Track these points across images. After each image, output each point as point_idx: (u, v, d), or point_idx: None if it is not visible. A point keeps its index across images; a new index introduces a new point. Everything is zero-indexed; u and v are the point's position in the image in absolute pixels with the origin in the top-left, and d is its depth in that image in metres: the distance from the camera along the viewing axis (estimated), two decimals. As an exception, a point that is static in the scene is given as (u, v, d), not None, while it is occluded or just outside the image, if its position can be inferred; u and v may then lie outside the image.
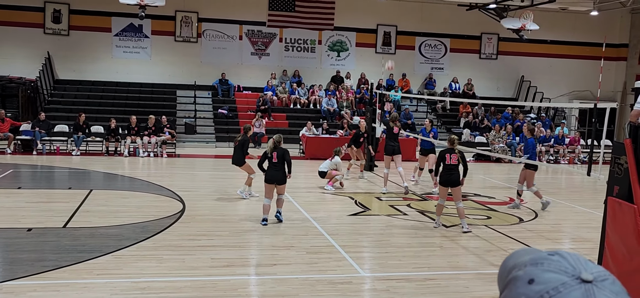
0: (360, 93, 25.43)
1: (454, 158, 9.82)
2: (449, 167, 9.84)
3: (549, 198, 12.47)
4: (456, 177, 9.83)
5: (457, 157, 9.81)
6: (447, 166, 9.85)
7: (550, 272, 1.05)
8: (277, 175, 9.75)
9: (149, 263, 7.68)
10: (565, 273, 1.04)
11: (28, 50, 23.80)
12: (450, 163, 9.83)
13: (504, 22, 23.76)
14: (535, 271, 1.06)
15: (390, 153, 13.70)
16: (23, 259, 7.64)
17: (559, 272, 1.05)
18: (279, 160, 9.76)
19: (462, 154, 9.99)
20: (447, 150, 9.97)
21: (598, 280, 1.02)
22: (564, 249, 4.08)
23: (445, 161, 9.88)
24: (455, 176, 9.83)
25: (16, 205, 10.94)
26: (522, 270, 1.08)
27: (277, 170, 9.76)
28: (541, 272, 1.05)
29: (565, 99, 27.95)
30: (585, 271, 1.03)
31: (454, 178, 9.82)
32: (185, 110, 23.91)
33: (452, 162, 9.83)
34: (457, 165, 9.84)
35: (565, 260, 1.07)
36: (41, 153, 18.55)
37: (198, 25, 25.37)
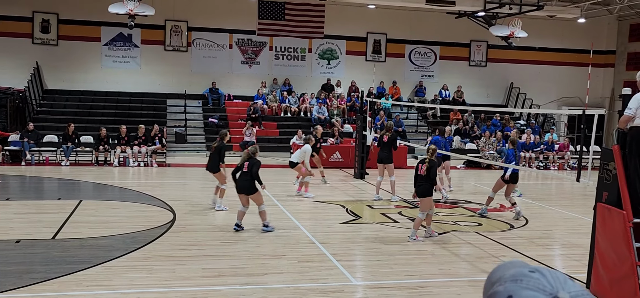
0: (350, 101, 25.47)
1: (423, 169, 9.68)
2: (418, 177, 9.78)
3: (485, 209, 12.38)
4: (422, 189, 9.69)
5: (426, 168, 9.65)
6: (417, 176, 9.80)
7: (528, 290, 1.06)
8: (245, 184, 9.69)
9: (139, 274, 7.63)
10: (542, 291, 1.05)
11: (16, 60, 23.66)
12: (421, 173, 9.72)
13: (493, 29, 23.90)
14: (514, 287, 1.08)
15: (378, 161, 13.90)
16: (11, 271, 7.56)
17: (536, 290, 1.06)
18: (249, 170, 9.67)
19: (431, 165, 9.70)
20: (421, 160, 9.91)
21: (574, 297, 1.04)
22: (555, 256, 4.11)
23: (417, 171, 9.83)
24: (421, 188, 9.70)
25: (4, 217, 10.84)
26: (502, 286, 1.11)
27: (245, 180, 9.68)
28: (520, 289, 1.07)
29: (554, 106, 28.13)
30: (563, 290, 1.05)
31: (420, 190, 9.72)
32: (175, 119, 23.84)
33: (421, 173, 9.70)
34: (426, 176, 9.64)
35: (544, 278, 1.08)
36: (30, 164, 18.41)
37: (188, 34, 25.34)
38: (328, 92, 25.81)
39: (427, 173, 9.60)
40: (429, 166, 9.63)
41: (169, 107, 24.53)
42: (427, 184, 9.69)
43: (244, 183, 9.72)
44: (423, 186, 9.69)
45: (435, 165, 9.88)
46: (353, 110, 24.57)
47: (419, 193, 9.76)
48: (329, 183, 15.88)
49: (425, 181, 9.66)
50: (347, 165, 19.59)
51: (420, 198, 9.79)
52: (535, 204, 14.04)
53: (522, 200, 14.39)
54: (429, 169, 9.62)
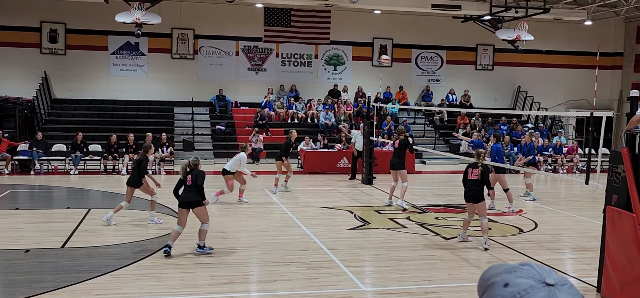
0: (357, 106, 25.47)
1: (475, 173, 9.57)
2: (469, 181, 9.64)
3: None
4: (474, 194, 9.58)
5: (478, 172, 9.53)
6: (469, 181, 9.65)
7: (521, 278, 1.31)
8: (190, 197, 8.86)
9: (149, 282, 7.64)
10: (533, 278, 1.30)
11: (25, 70, 23.83)
12: (471, 178, 9.61)
13: (499, 33, 23.86)
14: (509, 277, 1.32)
15: (390, 167, 13.79)
16: (21, 281, 7.59)
17: (528, 277, 1.30)
18: (193, 182, 8.89)
19: (485, 169, 9.63)
20: (471, 165, 9.80)
21: (559, 284, 1.29)
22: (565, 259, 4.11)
23: (467, 175, 9.71)
24: (473, 192, 9.59)
25: (14, 226, 10.90)
26: (499, 277, 1.34)
27: (189, 192, 8.88)
28: (514, 277, 1.31)
29: (562, 108, 28.03)
30: (549, 277, 1.30)
31: (471, 194, 9.61)
32: (183, 127, 23.91)
33: (473, 177, 9.59)
34: (478, 180, 9.55)
35: (533, 269, 1.33)
36: (39, 173, 18.50)
37: (194, 42, 25.44)
38: (335, 97, 25.83)
39: (480, 177, 9.50)
40: (482, 171, 9.53)
41: (176, 115, 24.62)
42: (480, 189, 9.59)
43: (188, 195, 8.89)
44: (475, 191, 9.57)
45: (488, 170, 9.79)
46: (360, 115, 24.56)
47: (471, 198, 9.62)
48: (332, 187, 15.83)
49: (478, 186, 9.56)
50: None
51: (474, 203, 9.62)
52: (544, 208, 13.97)
53: (532, 204, 14.33)
54: (483, 173, 9.53)
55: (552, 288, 1.27)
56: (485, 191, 9.96)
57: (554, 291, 1.27)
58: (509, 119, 25.30)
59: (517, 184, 18.96)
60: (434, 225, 11.64)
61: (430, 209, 13.44)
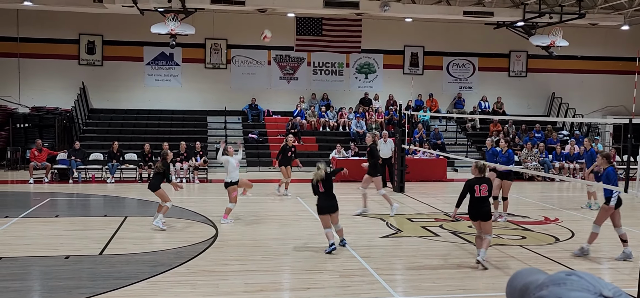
0: (389, 114, 25.41)
1: (484, 189, 8.81)
2: (478, 199, 8.80)
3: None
4: (486, 210, 8.85)
5: (487, 188, 8.84)
6: (476, 199, 8.81)
7: (575, 291, 1.15)
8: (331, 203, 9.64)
9: (184, 288, 7.76)
10: (588, 291, 1.15)
11: (64, 81, 24.48)
12: (480, 195, 8.80)
13: (533, 39, 23.57)
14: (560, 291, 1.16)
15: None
16: (61, 286, 7.79)
17: (583, 290, 1.15)
18: (328, 189, 9.60)
19: (489, 182, 9.02)
20: (476, 180, 8.92)
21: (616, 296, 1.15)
22: (603, 269, 4.06)
23: (474, 193, 8.85)
24: (485, 209, 8.84)
25: (54, 233, 11.18)
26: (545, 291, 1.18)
27: (328, 199, 9.61)
28: (567, 291, 1.16)
29: (598, 115, 27.48)
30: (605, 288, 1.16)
31: (484, 211, 8.82)
32: (216, 135, 24.18)
33: (482, 194, 8.80)
34: (488, 196, 8.89)
35: (583, 280, 1.17)
36: (77, 181, 18.94)
37: (227, 51, 25.77)
38: (366, 106, 25.83)
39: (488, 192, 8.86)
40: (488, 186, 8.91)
41: (209, 124, 24.94)
42: (489, 205, 9.02)
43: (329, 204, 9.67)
44: (487, 207, 8.92)
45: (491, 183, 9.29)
46: (391, 123, 24.51)
47: (484, 216, 8.85)
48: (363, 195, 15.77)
49: (487, 202, 8.93)
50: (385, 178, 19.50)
51: (485, 221, 8.87)
52: (581, 216, 13.72)
53: (567, 214, 14.09)
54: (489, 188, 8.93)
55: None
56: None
57: None
58: (543, 125, 24.93)
59: (552, 192, 18.67)
60: (467, 233, 11.54)
61: (463, 217, 13.31)
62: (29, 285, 8.15)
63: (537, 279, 1.24)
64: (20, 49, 24.26)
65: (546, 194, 17.84)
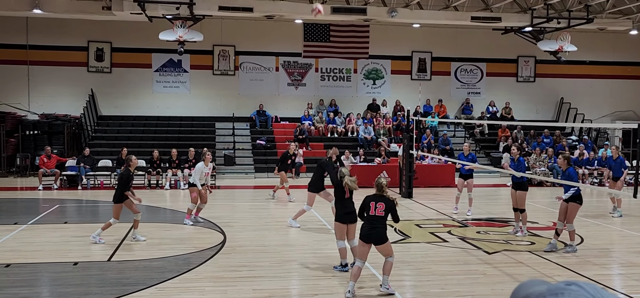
0: (396, 120, 25.39)
1: (380, 208, 7.67)
2: (373, 218, 7.67)
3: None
4: (380, 232, 7.66)
5: (384, 206, 7.66)
6: (371, 217, 7.69)
7: None
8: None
9: (192, 295, 7.77)
10: None
11: (73, 88, 24.62)
12: (374, 214, 7.66)
13: (541, 44, 23.48)
14: None
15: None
16: (70, 293, 7.82)
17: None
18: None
19: (391, 203, 7.75)
20: (373, 197, 7.78)
21: None
22: (613, 275, 4.03)
23: (368, 211, 7.72)
24: (379, 231, 7.65)
25: (63, 240, 11.23)
26: None
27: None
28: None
29: (607, 120, 27.34)
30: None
31: (377, 233, 7.64)
32: (224, 142, 24.26)
33: (378, 213, 7.66)
34: (384, 216, 7.71)
35: (583, 290, 1.12)
36: (86, 188, 19.02)
37: (235, 58, 25.85)
38: (374, 111, 25.82)
39: (385, 213, 7.70)
40: (388, 204, 7.75)
41: (217, 130, 25.01)
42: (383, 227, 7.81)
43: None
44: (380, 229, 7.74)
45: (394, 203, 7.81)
46: (399, 129, 24.49)
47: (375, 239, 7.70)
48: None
49: (383, 223, 7.76)
50: (393, 184, 19.47)
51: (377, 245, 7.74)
52: (591, 222, 13.64)
53: (576, 219, 13.98)
54: (392, 208, 7.79)
55: None
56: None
57: None
58: (552, 131, 24.82)
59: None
60: (475, 239, 11.49)
61: (472, 223, 13.27)
62: (38, 291, 8.19)
63: (537, 290, 1.21)
64: (30, 56, 24.44)
65: (555, 200, 17.72)
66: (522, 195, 11.79)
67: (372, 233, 7.61)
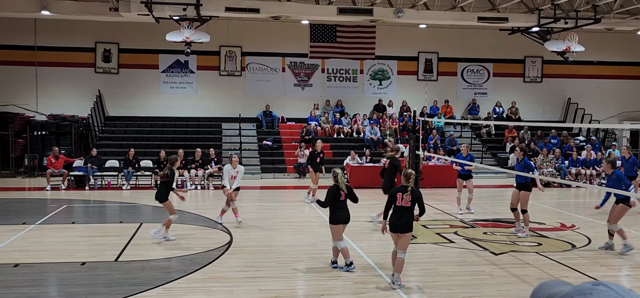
0: (403, 121, 25.36)
1: (406, 199, 8.13)
2: (400, 208, 8.13)
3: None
4: (405, 222, 8.15)
5: (410, 198, 8.12)
6: (398, 208, 8.15)
7: None
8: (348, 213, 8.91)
9: (199, 295, 7.79)
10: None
11: (80, 88, 24.74)
12: (401, 204, 8.12)
13: (548, 45, 23.42)
14: None
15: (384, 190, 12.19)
16: (77, 293, 7.86)
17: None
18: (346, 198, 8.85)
19: (417, 194, 8.22)
20: (400, 188, 8.25)
21: None
22: (621, 276, 4.01)
23: (395, 201, 8.16)
24: (404, 221, 8.15)
25: (70, 240, 11.29)
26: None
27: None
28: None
29: (615, 120, 27.22)
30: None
31: (402, 223, 8.14)
32: (230, 142, 24.30)
33: (405, 203, 8.13)
34: (411, 207, 8.17)
35: (612, 291, 1.10)
36: (93, 188, 19.11)
37: (242, 59, 25.90)
38: (380, 112, 25.80)
39: (410, 203, 8.16)
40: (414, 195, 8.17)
41: (224, 131, 25.06)
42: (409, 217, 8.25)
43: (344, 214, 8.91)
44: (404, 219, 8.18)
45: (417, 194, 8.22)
46: (405, 130, 24.46)
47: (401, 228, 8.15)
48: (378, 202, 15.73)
49: (410, 213, 8.23)
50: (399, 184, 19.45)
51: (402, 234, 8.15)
52: (598, 223, 13.57)
53: (584, 220, 13.95)
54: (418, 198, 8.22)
55: None
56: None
57: None
58: (559, 131, 24.74)
59: (569, 198, 18.50)
60: (482, 240, 11.47)
61: (478, 224, 13.25)
62: (46, 291, 8.23)
63: (561, 290, 1.18)
64: (38, 58, 24.57)
65: (562, 201, 17.68)
66: (525, 195, 11.79)
67: (398, 223, 8.13)
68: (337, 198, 8.85)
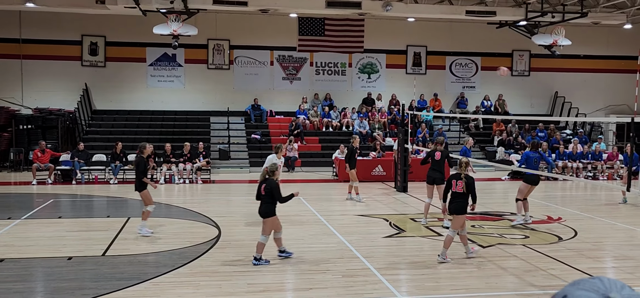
0: (391, 114, 25.40)
1: (459, 185, 9.18)
2: (454, 194, 9.25)
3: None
4: (456, 206, 9.19)
5: (463, 184, 9.14)
6: (453, 193, 9.29)
7: (582, 290, 1.19)
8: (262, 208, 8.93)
9: (187, 289, 7.76)
10: (595, 292, 1.18)
11: (67, 82, 24.52)
12: (455, 190, 9.23)
13: (535, 38, 23.53)
14: (570, 289, 1.21)
15: (431, 182, 12.49)
16: (64, 288, 7.80)
17: (590, 290, 1.18)
18: (267, 193, 8.81)
19: (470, 181, 9.23)
20: (454, 176, 9.38)
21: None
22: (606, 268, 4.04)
23: (451, 188, 9.35)
24: (456, 204, 9.20)
25: (57, 234, 11.20)
26: (562, 289, 1.22)
27: (263, 203, 8.87)
28: (575, 290, 1.20)
29: (601, 114, 27.44)
30: (616, 292, 1.17)
31: (454, 206, 9.22)
32: (218, 136, 24.23)
33: (458, 189, 9.20)
34: (464, 192, 9.15)
35: (601, 282, 1.20)
36: (80, 182, 18.97)
37: (230, 52, 25.80)
38: (369, 106, 25.82)
39: (465, 189, 9.13)
40: (466, 182, 9.16)
41: (212, 124, 24.97)
42: (462, 202, 9.20)
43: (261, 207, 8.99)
44: (458, 203, 9.20)
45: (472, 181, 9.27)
46: (394, 123, 24.51)
47: (456, 210, 9.25)
48: (367, 195, 15.80)
49: (463, 199, 9.19)
50: (389, 178, 19.52)
51: (456, 215, 9.26)
52: (584, 215, 13.70)
53: (571, 212, 14.06)
54: (470, 185, 9.18)
55: None
56: None
57: None
58: (546, 125, 24.90)
59: (556, 191, 18.65)
60: (470, 233, 11.51)
61: (466, 217, 13.28)
62: (32, 286, 8.16)
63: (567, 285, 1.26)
64: (23, 51, 24.32)
65: (549, 194, 17.81)
66: (522, 185, 12.46)
67: (451, 206, 9.30)
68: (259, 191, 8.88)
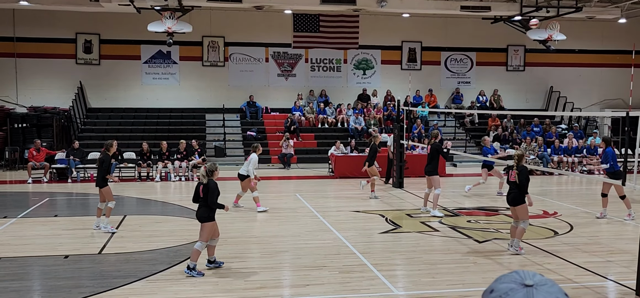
0: (387, 110, 25.41)
1: (512, 175, 9.26)
2: (511, 183, 9.34)
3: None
4: (511, 197, 9.28)
5: (515, 174, 9.19)
6: (510, 183, 9.37)
7: (503, 283, 1.48)
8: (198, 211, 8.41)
9: (183, 286, 7.76)
10: (514, 282, 1.46)
11: (61, 80, 24.44)
12: (510, 179, 9.35)
13: (530, 33, 23.56)
14: (495, 283, 1.50)
15: (425, 174, 13.01)
16: (61, 286, 7.79)
17: (510, 281, 1.47)
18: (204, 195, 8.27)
19: (523, 170, 9.20)
20: (512, 166, 9.47)
21: (538, 284, 1.44)
22: (602, 262, 4.08)
23: (509, 178, 9.43)
24: (511, 195, 9.30)
25: (53, 233, 11.18)
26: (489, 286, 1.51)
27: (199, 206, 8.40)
28: (498, 283, 1.49)
29: (596, 108, 27.52)
30: (529, 279, 1.45)
31: (509, 197, 9.35)
32: (214, 133, 24.20)
33: (511, 179, 9.32)
34: (517, 182, 9.18)
35: (518, 274, 1.48)
36: (76, 181, 18.91)
37: (225, 49, 25.74)
38: (364, 102, 25.82)
39: (517, 179, 9.13)
40: (519, 172, 9.16)
41: (207, 122, 24.93)
42: (515, 192, 9.23)
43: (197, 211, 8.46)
44: (511, 193, 9.29)
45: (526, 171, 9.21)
46: (390, 119, 24.52)
47: (509, 202, 9.36)
48: (363, 191, 15.79)
49: (515, 189, 9.21)
50: (384, 174, 19.50)
51: (512, 206, 9.32)
52: (580, 209, 13.75)
53: (567, 207, 14.10)
54: (520, 175, 9.14)
55: (530, 289, 1.44)
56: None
57: (532, 291, 1.43)
58: (541, 120, 24.95)
59: (551, 186, 18.70)
60: (466, 228, 11.56)
61: (462, 212, 13.34)
62: (28, 285, 8.14)
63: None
64: (17, 49, 24.21)
65: (545, 188, 17.86)
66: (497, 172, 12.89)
67: (507, 197, 9.40)
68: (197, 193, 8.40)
